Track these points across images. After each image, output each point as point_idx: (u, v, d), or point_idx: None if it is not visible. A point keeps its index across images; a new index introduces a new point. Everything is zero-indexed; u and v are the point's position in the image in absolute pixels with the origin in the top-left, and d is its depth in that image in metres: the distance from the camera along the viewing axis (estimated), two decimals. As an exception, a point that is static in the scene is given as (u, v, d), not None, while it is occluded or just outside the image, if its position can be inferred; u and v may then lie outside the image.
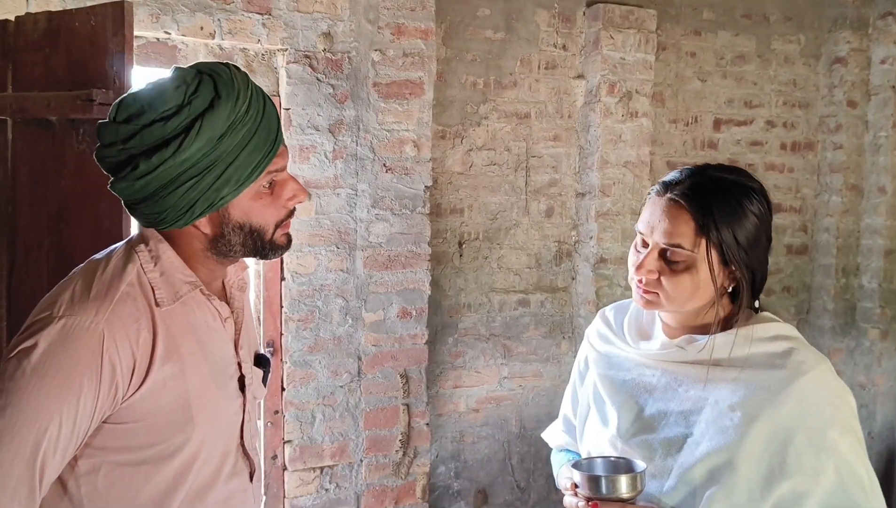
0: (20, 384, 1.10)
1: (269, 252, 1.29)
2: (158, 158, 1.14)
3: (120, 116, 1.17)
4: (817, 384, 1.28)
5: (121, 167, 1.17)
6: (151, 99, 1.16)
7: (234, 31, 2.78)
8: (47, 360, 1.10)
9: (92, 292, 1.16)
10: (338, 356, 3.03)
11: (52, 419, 1.10)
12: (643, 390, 1.42)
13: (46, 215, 1.90)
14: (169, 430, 1.22)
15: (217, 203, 1.19)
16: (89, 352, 1.12)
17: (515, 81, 3.53)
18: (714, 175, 1.35)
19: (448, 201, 3.45)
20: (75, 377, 1.11)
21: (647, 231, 1.36)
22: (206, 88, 1.17)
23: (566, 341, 3.70)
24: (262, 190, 1.24)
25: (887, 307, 4.18)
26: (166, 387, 1.20)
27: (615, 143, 3.54)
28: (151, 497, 1.22)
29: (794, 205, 4.21)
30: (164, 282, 1.23)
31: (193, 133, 1.14)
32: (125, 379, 1.15)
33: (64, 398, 1.11)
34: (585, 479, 1.31)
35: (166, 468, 1.23)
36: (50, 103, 1.82)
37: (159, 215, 1.20)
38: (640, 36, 3.53)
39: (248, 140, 1.19)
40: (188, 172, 1.15)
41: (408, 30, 3.05)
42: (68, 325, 1.12)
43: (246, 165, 1.19)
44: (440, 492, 3.50)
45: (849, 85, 4.12)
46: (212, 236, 1.25)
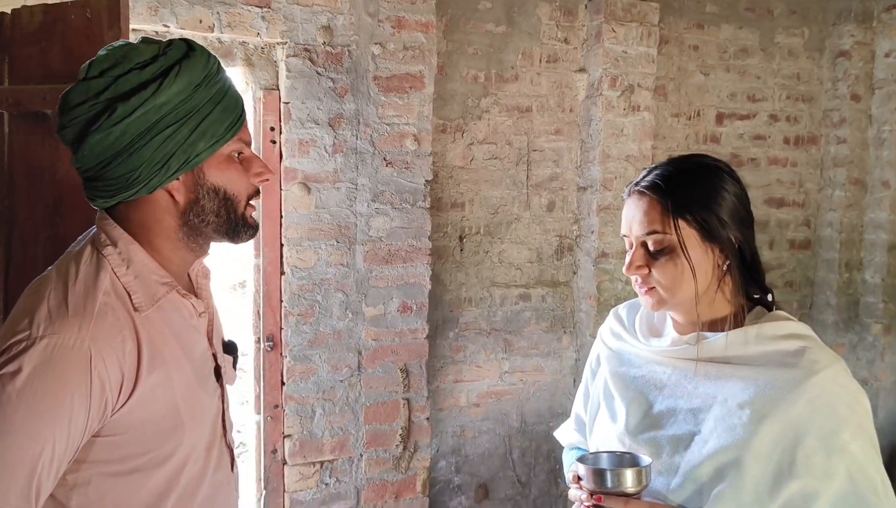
0: (8, 411, 1.05)
1: (241, 230, 1.27)
2: (137, 99, 1.12)
3: (92, 73, 1.15)
4: (830, 384, 1.25)
5: (95, 120, 1.13)
6: (125, 52, 1.16)
7: (234, 25, 2.76)
8: (34, 384, 1.05)
9: (70, 307, 1.11)
10: (338, 350, 3.02)
11: (46, 442, 1.07)
12: (653, 386, 1.42)
13: (43, 209, 1.89)
14: (160, 437, 1.20)
15: (192, 160, 1.17)
16: (78, 371, 1.08)
17: (517, 75, 3.51)
18: (674, 160, 1.40)
19: (449, 195, 3.44)
20: (65, 397, 1.07)
21: (626, 230, 1.40)
22: (179, 43, 1.19)
23: (567, 335, 3.68)
24: (234, 158, 1.24)
25: (891, 302, 4.15)
26: (155, 395, 1.17)
27: (617, 137, 3.52)
28: (145, 503, 1.20)
29: (797, 199, 4.19)
30: (140, 285, 1.19)
31: (172, 75, 1.14)
32: (114, 393, 1.12)
33: (55, 421, 1.07)
34: (589, 472, 1.30)
35: (159, 473, 1.20)
36: (45, 97, 1.81)
37: (132, 173, 1.15)
38: (643, 29, 3.51)
39: (221, 98, 1.19)
40: (166, 119, 1.14)
41: (408, 23, 3.04)
42: (52, 345, 1.07)
43: (220, 121, 1.18)
44: (441, 487, 3.50)
45: (853, 79, 4.09)
46: (184, 206, 1.21)
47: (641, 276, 1.37)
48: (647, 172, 1.40)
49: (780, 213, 4.15)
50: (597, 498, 1.28)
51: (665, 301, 1.37)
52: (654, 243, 1.34)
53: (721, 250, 1.34)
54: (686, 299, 1.35)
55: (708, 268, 1.34)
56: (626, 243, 1.40)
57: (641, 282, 1.38)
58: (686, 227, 1.32)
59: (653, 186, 1.36)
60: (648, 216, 1.35)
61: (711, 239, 1.33)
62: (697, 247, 1.33)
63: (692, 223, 1.32)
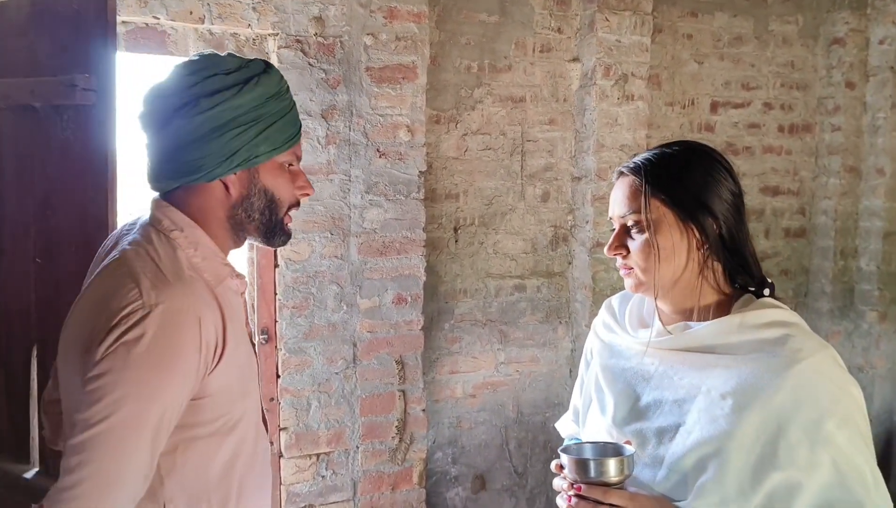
0: (134, 372, 1.16)
1: (277, 233, 1.41)
2: (220, 97, 1.28)
3: (185, 70, 1.31)
4: (814, 372, 1.22)
5: (181, 108, 1.28)
6: (215, 59, 1.33)
7: (224, 16, 2.75)
8: (157, 346, 1.17)
9: (170, 278, 1.24)
10: (333, 342, 3.02)
11: (167, 400, 1.19)
12: (641, 378, 1.41)
13: (33, 203, 1.88)
14: (231, 402, 1.32)
15: (252, 159, 1.32)
16: (191, 333, 1.21)
17: (510, 65, 3.50)
18: (662, 145, 1.41)
19: (443, 186, 3.43)
20: (181, 358, 1.20)
21: (611, 213, 1.42)
22: (258, 62, 1.36)
23: (563, 326, 3.68)
24: (285, 168, 1.39)
25: (886, 290, 4.16)
26: (231, 361, 1.29)
27: (611, 126, 3.51)
28: (219, 469, 1.32)
29: (791, 187, 4.19)
30: (208, 266, 1.32)
31: (252, 84, 1.31)
32: (210, 355, 1.25)
33: (175, 380, 1.19)
34: (571, 462, 1.29)
35: (229, 439, 1.32)
36: (34, 90, 1.80)
37: (200, 159, 1.29)
38: (636, 18, 3.49)
39: (286, 113, 1.36)
40: (239, 119, 1.29)
41: (400, 13, 3.02)
42: (168, 309, 1.19)
43: (282, 131, 1.35)
44: (437, 478, 3.50)
45: (847, 66, 4.08)
46: (236, 200, 1.35)
47: (621, 257, 1.38)
48: (633, 156, 1.42)
49: (774, 201, 4.15)
50: (577, 488, 1.27)
51: (643, 283, 1.36)
52: (631, 222, 1.35)
53: (700, 234, 1.32)
54: (664, 283, 1.34)
55: (683, 250, 1.33)
56: (613, 225, 1.41)
57: (622, 263, 1.39)
58: (661, 206, 1.32)
59: (633, 168, 1.37)
60: (627, 197, 1.36)
61: (687, 219, 1.32)
62: (673, 228, 1.32)
63: (667, 202, 1.32)
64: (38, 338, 1.93)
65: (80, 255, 1.79)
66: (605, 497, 1.24)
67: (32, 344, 1.94)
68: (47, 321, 1.90)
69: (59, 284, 1.86)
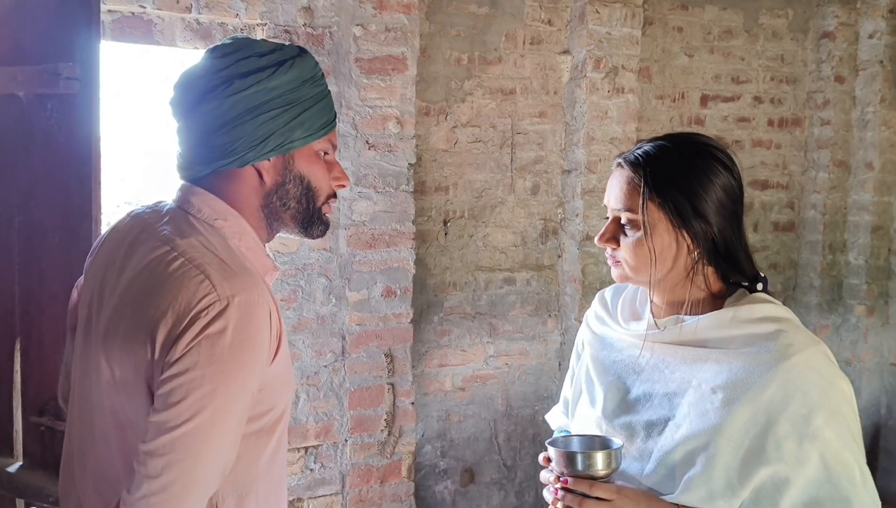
0: (222, 366, 1.13)
1: (315, 223, 1.35)
2: (254, 78, 1.23)
3: (216, 53, 1.27)
4: (804, 367, 1.22)
5: (212, 90, 1.24)
6: (247, 42, 1.28)
7: (212, 6, 2.72)
8: (238, 338, 1.14)
9: (235, 269, 1.20)
10: (321, 335, 3.00)
11: (249, 389, 1.17)
12: (631, 371, 1.41)
13: (16, 193, 1.86)
14: (280, 392, 1.28)
15: (287, 144, 1.27)
16: (265, 324, 1.18)
17: (500, 57, 3.48)
18: (668, 138, 1.38)
19: (432, 178, 3.41)
20: (259, 349, 1.17)
21: (607, 200, 1.40)
22: (292, 46, 1.32)
23: (552, 319, 3.68)
24: (320, 156, 1.33)
25: (874, 284, 4.18)
26: (282, 351, 1.26)
27: (601, 119, 3.50)
28: (265, 462, 1.29)
29: (781, 181, 4.19)
30: (254, 257, 1.29)
31: (287, 66, 1.26)
32: (275, 346, 1.22)
33: (254, 368, 1.17)
34: (558, 455, 1.28)
35: (276, 431, 1.29)
36: (17, 78, 1.77)
37: (232, 143, 1.24)
38: (627, 10, 3.48)
39: (323, 98, 1.31)
40: (273, 102, 1.25)
41: (390, 4, 3.00)
42: (244, 301, 1.15)
43: (318, 117, 1.29)
44: (426, 471, 3.49)
45: (837, 60, 4.08)
46: (270, 187, 1.30)
47: (610, 248, 1.38)
48: (638, 146, 1.38)
49: (764, 195, 4.15)
50: (563, 481, 1.26)
51: (629, 277, 1.37)
52: (625, 219, 1.34)
53: (692, 241, 1.31)
54: (650, 280, 1.35)
55: (672, 254, 1.32)
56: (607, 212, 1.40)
57: (611, 254, 1.39)
58: (657, 210, 1.30)
59: (635, 162, 1.34)
60: (623, 192, 1.34)
61: (681, 227, 1.30)
62: (666, 233, 1.31)
63: (663, 207, 1.30)
64: (22, 330, 1.90)
65: (63, 246, 1.77)
66: (592, 491, 1.24)
67: (16, 337, 1.91)
68: (31, 314, 1.88)
69: (42, 275, 1.84)
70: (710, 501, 1.22)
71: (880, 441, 4.20)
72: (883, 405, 4.24)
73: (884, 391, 4.24)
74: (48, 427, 1.85)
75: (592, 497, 1.24)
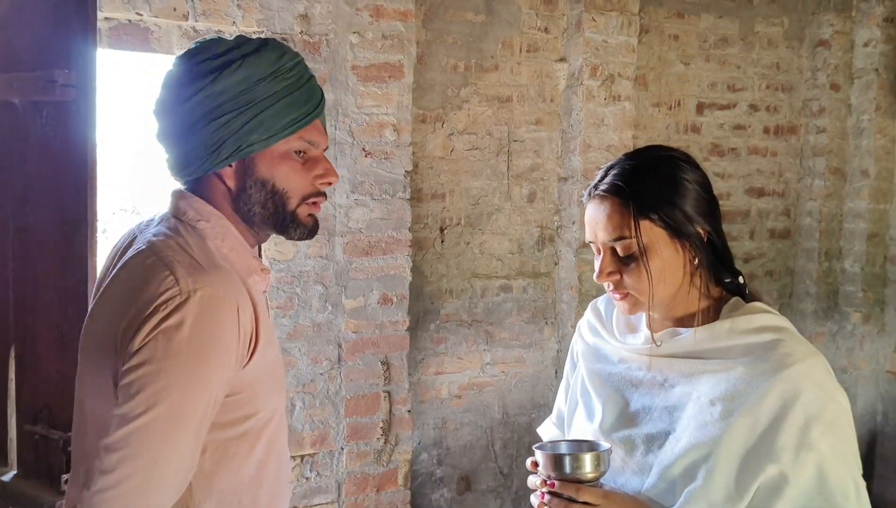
0: (179, 360, 1.10)
1: (291, 226, 1.29)
2: (199, 84, 1.20)
3: (179, 59, 1.25)
4: (803, 377, 1.21)
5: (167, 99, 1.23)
6: (208, 44, 1.25)
7: (209, 13, 2.72)
8: (199, 332, 1.11)
9: (204, 265, 1.17)
10: (318, 343, 3.00)
11: (211, 387, 1.13)
12: (629, 384, 1.39)
13: (12, 200, 1.85)
14: (265, 397, 1.26)
15: (244, 148, 1.22)
16: (230, 321, 1.15)
17: (497, 65, 3.49)
18: (630, 156, 1.37)
19: (429, 185, 3.41)
20: (222, 346, 1.14)
21: (591, 237, 1.35)
22: (257, 40, 1.26)
23: (549, 326, 3.68)
24: (293, 156, 1.26)
25: (870, 291, 4.18)
26: (265, 353, 1.24)
27: (598, 126, 3.51)
28: (251, 471, 1.25)
29: (776, 189, 4.20)
30: (237, 257, 1.26)
31: (233, 67, 1.20)
32: (247, 346, 1.19)
33: (216, 368, 1.14)
34: (545, 458, 1.27)
35: (262, 438, 1.26)
36: (12, 85, 1.77)
37: (187, 154, 1.22)
38: (623, 18, 3.49)
39: (288, 94, 1.23)
40: (223, 107, 1.20)
41: (387, 11, 3.01)
42: (206, 297, 1.13)
43: (280, 116, 1.22)
44: (423, 479, 3.48)
45: (832, 68, 4.10)
46: (234, 192, 1.26)
47: (614, 282, 1.33)
48: (603, 174, 1.35)
49: (760, 202, 4.16)
50: (550, 484, 1.25)
51: (641, 305, 1.33)
52: (622, 248, 1.30)
53: (691, 245, 1.31)
54: (662, 300, 1.32)
55: (679, 265, 1.31)
56: (594, 248, 1.36)
57: (615, 288, 1.34)
58: (652, 227, 1.29)
59: (613, 189, 1.31)
60: (612, 222, 1.30)
61: (680, 236, 1.30)
62: (667, 246, 1.30)
63: (658, 223, 1.28)
64: (16, 338, 1.89)
65: (59, 253, 1.76)
66: (579, 495, 1.23)
67: (10, 345, 1.90)
68: (25, 321, 1.87)
69: (37, 283, 1.83)
70: None
71: (876, 448, 4.20)
72: (879, 412, 4.24)
73: (880, 398, 4.24)
74: (42, 436, 1.84)
75: (579, 501, 1.23)
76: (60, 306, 1.78)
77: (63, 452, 1.78)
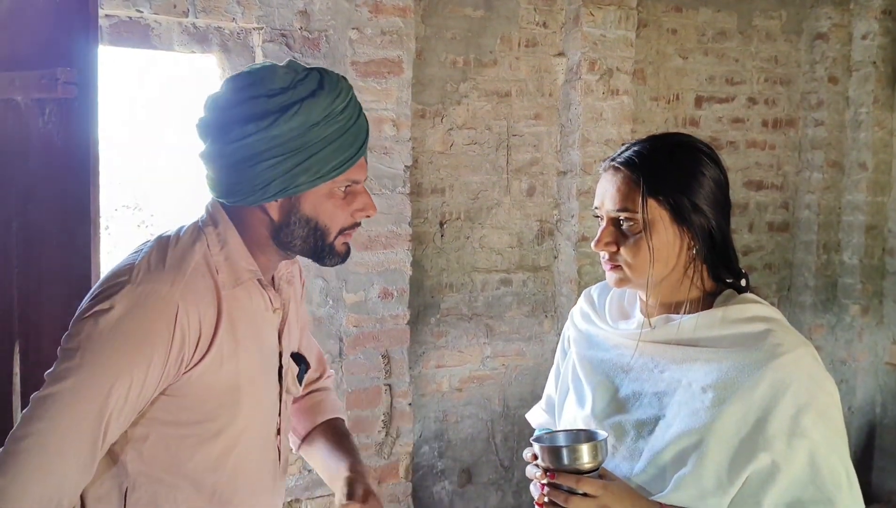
0: (96, 344, 1.14)
1: (327, 256, 1.32)
2: (254, 126, 1.20)
3: (232, 85, 1.25)
4: (793, 367, 1.23)
5: (214, 132, 1.24)
6: (263, 75, 1.23)
7: (209, 10, 2.73)
8: (124, 323, 1.15)
9: (167, 264, 1.21)
10: (318, 337, 3.01)
11: (123, 380, 1.15)
12: (620, 370, 1.41)
13: (15, 197, 1.87)
14: (217, 409, 1.27)
15: (291, 189, 1.23)
16: (164, 320, 1.17)
17: (496, 60, 3.50)
18: (654, 138, 1.39)
19: (429, 180, 3.43)
20: (149, 342, 1.16)
21: (599, 204, 1.38)
22: (313, 79, 1.24)
23: (549, 319, 3.70)
24: (337, 193, 1.28)
25: (868, 283, 4.20)
26: (222, 366, 1.25)
27: (596, 121, 3.52)
28: (195, 472, 1.27)
29: (775, 182, 4.21)
30: (228, 266, 1.27)
31: (291, 113, 1.20)
32: (190, 351, 1.21)
33: (136, 361, 1.15)
34: (543, 450, 1.27)
35: (210, 446, 1.27)
36: (15, 82, 1.79)
37: (234, 185, 1.24)
38: (621, 12, 3.51)
39: (337, 138, 1.24)
40: (274, 150, 1.20)
41: (386, 7, 3.02)
42: (146, 291, 1.17)
43: (328, 160, 1.23)
44: (424, 472, 3.51)
45: (830, 61, 4.11)
46: (277, 224, 1.28)
47: (609, 253, 1.36)
48: (625, 148, 1.38)
49: (758, 196, 4.17)
50: (550, 476, 1.25)
51: (628, 280, 1.35)
52: (625, 221, 1.33)
53: (691, 234, 1.32)
54: (652, 281, 1.34)
55: (675, 251, 1.32)
56: (598, 216, 1.39)
57: (608, 258, 1.36)
58: (657, 207, 1.30)
59: (628, 163, 1.34)
60: (621, 193, 1.33)
61: (682, 222, 1.31)
62: (668, 229, 1.31)
63: (663, 204, 1.30)
64: (21, 333, 1.91)
65: (62, 249, 1.78)
66: (578, 486, 1.23)
67: (15, 340, 1.92)
68: (29, 317, 1.89)
69: (41, 279, 1.85)
70: (701, 500, 1.23)
71: (875, 440, 4.22)
72: (878, 403, 4.26)
73: (878, 390, 4.26)
74: (47, 429, 1.86)
75: (579, 492, 1.24)
76: (64, 301, 1.79)
77: (68, 445, 1.80)
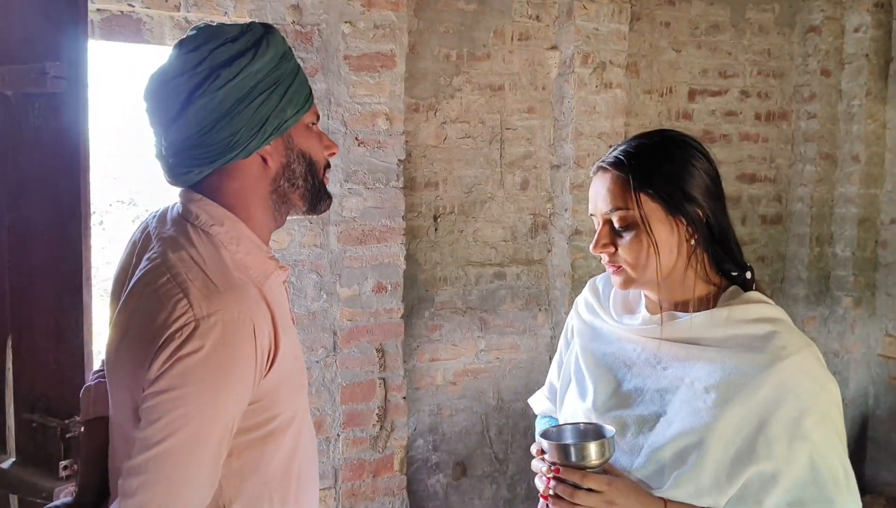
0: (194, 388, 1.11)
1: (322, 197, 1.35)
2: (237, 66, 1.21)
3: (185, 48, 1.23)
4: (797, 370, 1.24)
5: (198, 87, 1.20)
6: (213, 30, 1.25)
7: (200, 4, 2.73)
8: (215, 358, 1.12)
9: (218, 284, 1.17)
10: (313, 331, 3.02)
11: (228, 413, 1.15)
12: (623, 364, 1.41)
13: (5, 191, 1.87)
14: (289, 398, 1.28)
15: (283, 124, 1.26)
16: (248, 342, 1.16)
17: (489, 53, 3.50)
18: (639, 136, 1.39)
19: (422, 174, 3.43)
20: (241, 368, 1.15)
21: (593, 209, 1.38)
22: (256, 24, 1.28)
23: (542, 313, 3.70)
24: (313, 128, 1.33)
25: (861, 275, 4.21)
26: (286, 358, 1.25)
27: (589, 114, 3.52)
28: (279, 466, 1.28)
29: (768, 175, 4.23)
30: (253, 262, 1.26)
31: (264, 45, 1.24)
32: (265, 360, 1.20)
33: (235, 389, 1.15)
34: (552, 447, 1.27)
35: (287, 435, 1.28)
36: (4, 77, 1.78)
37: (233, 137, 1.22)
38: (614, 6, 3.51)
39: (298, 70, 1.30)
40: (260, 85, 1.23)
41: (378, 1, 3.01)
42: (222, 320, 1.13)
43: (300, 91, 1.28)
44: (418, 465, 3.52)
45: (823, 54, 4.12)
46: (276, 171, 1.28)
47: (608, 254, 1.35)
48: (612, 149, 1.38)
49: (751, 188, 4.19)
50: (555, 470, 1.26)
51: (633, 280, 1.35)
52: (618, 219, 1.32)
53: (688, 225, 1.32)
54: (653, 278, 1.33)
55: (674, 244, 1.32)
56: (595, 222, 1.38)
57: (609, 260, 1.36)
58: (649, 201, 1.30)
59: (615, 162, 1.34)
60: (612, 193, 1.33)
61: (676, 213, 1.31)
62: (663, 222, 1.31)
63: (655, 197, 1.30)
64: (13, 327, 1.91)
65: (53, 244, 1.78)
66: (584, 482, 1.24)
67: (7, 334, 1.93)
68: (21, 311, 1.89)
69: (33, 273, 1.85)
70: (698, 497, 1.24)
71: (868, 431, 4.24)
72: (870, 395, 4.28)
73: (871, 381, 4.28)
74: (40, 424, 1.86)
75: (584, 488, 1.24)
76: (56, 295, 1.80)
77: (61, 439, 1.81)
